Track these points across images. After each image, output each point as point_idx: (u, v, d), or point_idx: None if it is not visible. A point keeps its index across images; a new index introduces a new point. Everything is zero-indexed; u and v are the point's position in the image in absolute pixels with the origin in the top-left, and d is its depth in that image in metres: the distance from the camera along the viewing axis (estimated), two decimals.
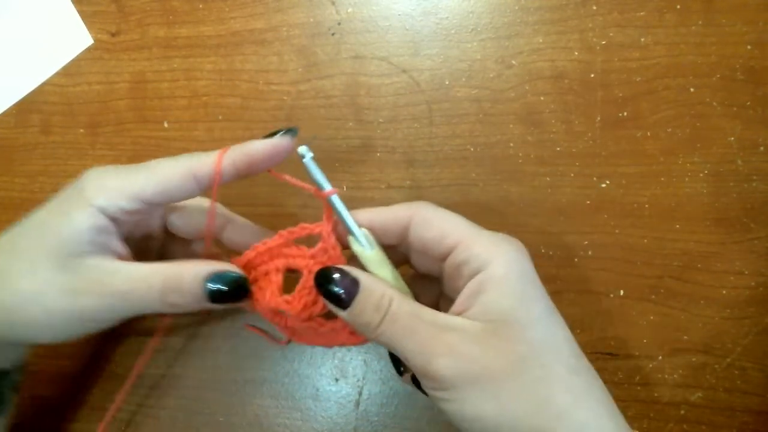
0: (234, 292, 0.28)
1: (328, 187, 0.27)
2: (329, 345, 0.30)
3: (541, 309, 0.24)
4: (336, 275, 0.25)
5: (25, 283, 0.26)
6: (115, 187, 0.26)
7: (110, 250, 0.27)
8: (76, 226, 0.26)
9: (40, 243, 0.27)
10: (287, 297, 0.28)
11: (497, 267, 0.24)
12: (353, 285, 0.25)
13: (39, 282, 0.26)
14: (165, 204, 0.30)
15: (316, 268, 0.27)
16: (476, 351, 0.23)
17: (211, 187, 0.27)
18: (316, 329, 0.28)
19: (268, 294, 0.28)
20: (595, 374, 0.24)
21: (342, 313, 0.25)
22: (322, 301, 0.27)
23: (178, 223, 0.31)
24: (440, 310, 0.25)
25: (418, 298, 0.26)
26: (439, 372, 0.23)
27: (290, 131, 0.28)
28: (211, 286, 0.27)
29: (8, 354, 0.30)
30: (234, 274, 0.28)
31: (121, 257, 0.28)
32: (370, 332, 0.25)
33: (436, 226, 0.26)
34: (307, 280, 0.27)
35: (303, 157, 0.27)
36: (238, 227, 0.31)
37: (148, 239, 0.31)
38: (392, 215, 0.26)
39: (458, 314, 0.24)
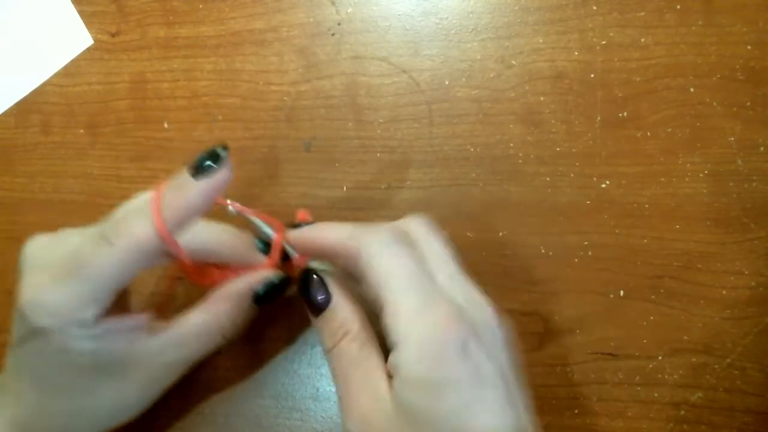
0: (279, 288, 0.29)
1: (270, 232, 0.27)
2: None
3: (456, 403, 0.21)
4: (315, 282, 0.25)
5: (94, 407, 0.26)
6: (67, 310, 0.23)
7: (132, 327, 0.26)
8: (85, 351, 0.24)
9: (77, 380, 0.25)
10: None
11: (407, 352, 0.21)
12: (324, 301, 0.25)
13: (108, 400, 0.26)
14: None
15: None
16: None
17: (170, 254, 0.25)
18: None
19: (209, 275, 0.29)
20: None
21: (312, 319, 0.25)
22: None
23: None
24: None
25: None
26: (348, 422, 0.23)
27: (224, 149, 0.25)
28: (258, 300, 0.29)
29: None
30: (273, 280, 0.29)
31: (148, 326, 0.26)
32: (324, 352, 0.25)
33: (373, 275, 0.22)
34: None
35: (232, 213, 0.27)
36: (213, 255, 0.29)
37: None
38: (338, 246, 0.24)
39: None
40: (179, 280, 0.35)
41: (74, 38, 0.42)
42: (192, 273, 0.28)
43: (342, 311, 0.24)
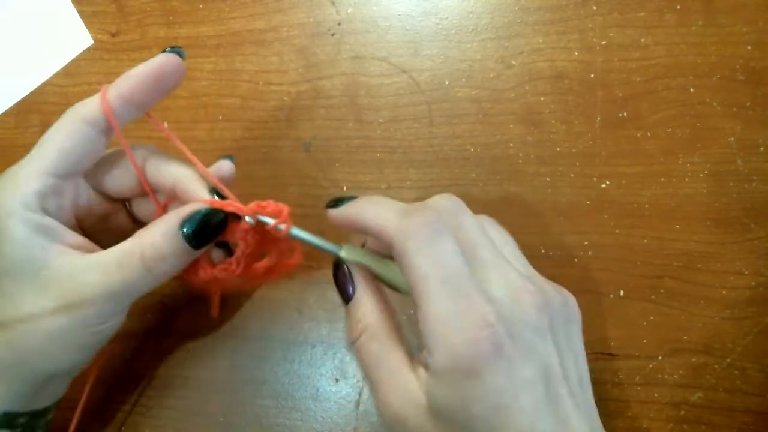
0: (212, 228, 0.26)
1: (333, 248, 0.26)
2: (263, 281, 0.31)
3: (483, 412, 0.20)
4: (341, 273, 0.25)
5: (16, 319, 0.25)
6: (20, 180, 0.24)
7: (70, 244, 0.25)
8: (21, 237, 0.24)
9: (2, 272, 0.25)
10: (223, 266, 0.28)
11: (437, 358, 0.21)
12: (349, 291, 0.25)
13: (30, 310, 0.24)
14: (81, 168, 0.27)
15: (253, 238, 0.27)
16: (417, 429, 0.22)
17: (108, 128, 0.26)
18: (253, 277, 0.29)
19: (201, 268, 0.28)
20: None
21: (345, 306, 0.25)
22: (257, 256, 0.28)
23: (111, 186, 0.29)
24: None
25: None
26: (384, 417, 0.23)
27: (175, 49, 0.26)
28: (186, 232, 0.25)
29: (47, 391, 0.28)
30: (201, 211, 0.26)
31: (78, 246, 0.26)
32: (348, 343, 0.25)
33: (408, 271, 0.22)
34: (244, 249, 0.28)
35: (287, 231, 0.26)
36: (159, 162, 0.29)
37: (103, 222, 0.30)
38: (376, 229, 0.23)
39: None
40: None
41: (74, 38, 0.42)
42: (190, 268, 0.28)
43: (362, 306, 0.24)
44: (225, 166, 0.30)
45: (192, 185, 0.28)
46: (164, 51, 0.26)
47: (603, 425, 0.29)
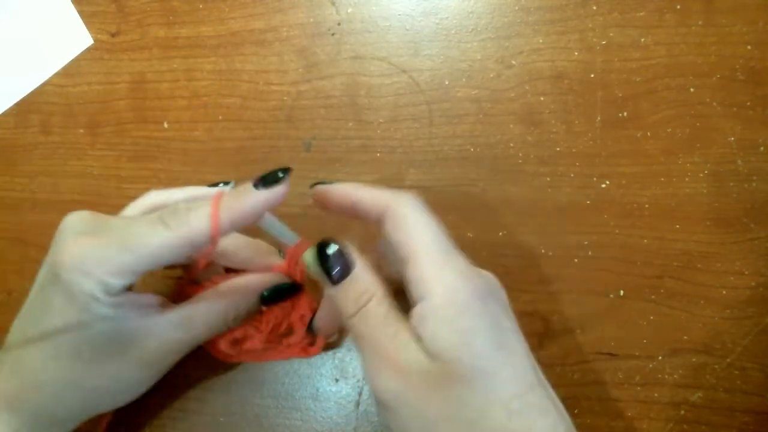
0: (284, 297, 0.32)
1: (293, 240, 0.29)
2: (277, 359, 0.33)
3: (484, 346, 0.22)
4: (335, 251, 0.25)
5: (95, 378, 0.27)
6: (106, 273, 0.25)
7: (145, 305, 0.27)
8: (107, 317, 0.25)
9: (89, 345, 0.26)
10: (254, 324, 0.32)
11: (435, 298, 0.23)
12: (346, 267, 0.25)
13: (110, 371, 0.27)
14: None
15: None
16: (417, 392, 0.22)
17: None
18: (274, 348, 0.32)
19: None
20: (545, 409, 0.22)
21: (328, 289, 0.25)
22: (285, 326, 0.32)
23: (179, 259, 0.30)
24: None
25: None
26: (380, 392, 0.23)
27: (286, 171, 0.27)
28: (266, 297, 0.31)
29: (71, 428, 0.29)
30: (285, 286, 0.31)
31: (151, 304, 0.28)
32: (344, 318, 0.25)
33: (403, 230, 0.24)
34: (275, 308, 0.32)
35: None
36: (226, 259, 0.32)
37: None
38: (370, 201, 0.26)
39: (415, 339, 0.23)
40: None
41: (74, 38, 0.42)
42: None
43: (366, 276, 0.25)
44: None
45: (260, 256, 0.32)
46: (276, 172, 0.26)
47: (603, 425, 0.30)
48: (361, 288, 0.24)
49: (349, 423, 0.33)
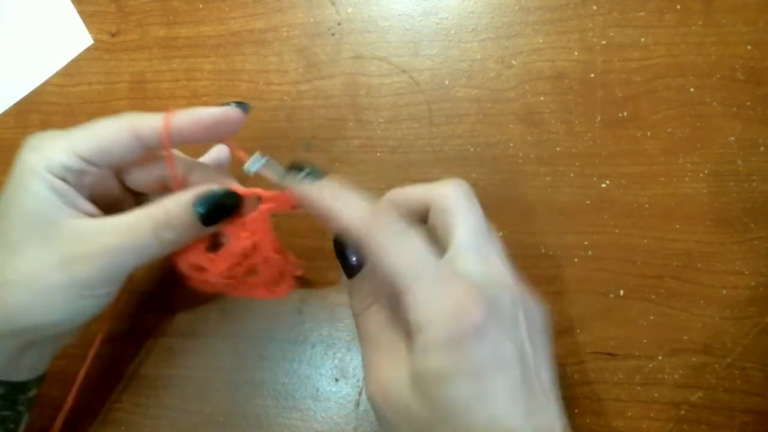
0: (224, 209, 0.28)
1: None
2: (244, 296, 0.31)
3: (463, 392, 0.21)
4: (347, 245, 0.25)
5: (12, 271, 0.25)
6: (53, 148, 0.26)
7: (82, 210, 0.26)
8: (39, 193, 0.25)
9: (11, 224, 0.25)
10: (210, 255, 0.29)
11: (423, 335, 0.22)
12: (357, 263, 0.25)
13: (28, 263, 0.25)
14: (110, 165, 0.27)
15: (245, 237, 0.28)
16: (394, 412, 0.23)
17: (154, 148, 0.27)
18: (235, 286, 0.30)
19: (193, 250, 0.29)
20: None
21: (344, 278, 0.26)
22: (246, 266, 0.29)
23: (135, 179, 0.29)
24: None
25: None
26: (367, 396, 0.23)
27: (241, 105, 0.28)
28: (200, 209, 0.27)
29: (27, 360, 0.28)
30: (219, 192, 0.27)
31: (91, 214, 0.27)
32: (353, 313, 0.25)
33: (385, 264, 0.23)
34: (234, 246, 0.28)
35: (251, 168, 0.27)
36: (200, 173, 0.29)
37: (112, 204, 0.29)
38: (349, 230, 0.24)
39: None
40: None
41: (74, 38, 0.42)
42: (181, 257, 0.29)
43: (374, 278, 0.25)
44: (222, 154, 0.33)
45: (222, 181, 0.29)
46: (230, 104, 0.27)
47: (603, 425, 0.29)
48: (369, 288, 0.25)
49: (349, 423, 0.33)
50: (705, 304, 0.32)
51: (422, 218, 0.26)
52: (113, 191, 0.29)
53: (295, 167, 0.26)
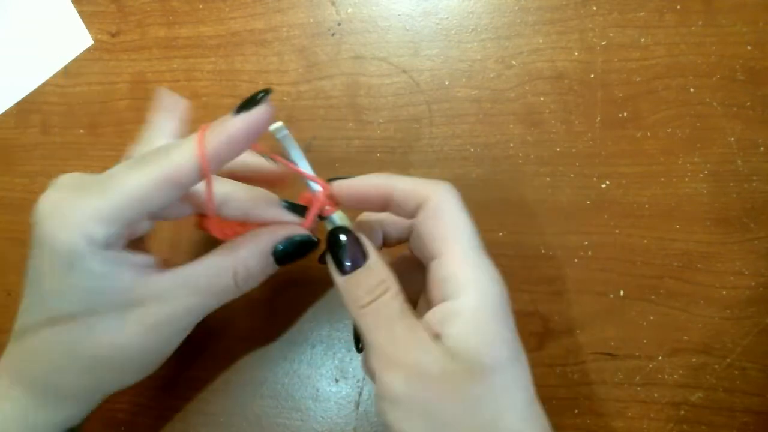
0: (303, 253, 0.27)
1: (308, 171, 0.27)
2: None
3: (509, 354, 0.22)
4: (347, 239, 0.24)
5: (94, 347, 0.24)
6: (85, 219, 0.22)
7: (141, 264, 0.25)
8: (95, 270, 0.23)
9: (75, 305, 0.24)
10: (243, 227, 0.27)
11: (467, 298, 0.22)
12: (360, 257, 0.24)
13: (114, 338, 0.24)
14: (148, 216, 0.25)
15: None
16: (431, 391, 0.22)
17: (193, 185, 0.24)
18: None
19: (229, 224, 0.27)
20: (546, 425, 0.23)
21: (337, 278, 0.24)
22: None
23: (167, 215, 0.27)
24: (420, 301, 0.25)
25: (400, 279, 0.25)
26: (388, 388, 0.22)
27: (266, 92, 0.24)
28: (279, 255, 0.26)
29: (85, 409, 0.28)
30: (296, 238, 0.27)
31: (147, 263, 0.25)
32: (353, 308, 0.24)
33: (441, 223, 0.24)
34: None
35: (277, 134, 0.25)
36: (233, 206, 0.27)
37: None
38: (411, 191, 0.25)
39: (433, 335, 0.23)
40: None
41: (74, 38, 0.42)
42: (214, 225, 0.26)
43: (382, 268, 0.24)
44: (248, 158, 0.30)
45: (267, 212, 0.27)
46: (257, 97, 0.24)
47: (603, 425, 0.30)
48: (377, 279, 0.24)
49: (349, 423, 0.33)
50: (705, 304, 0.32)
51: (410, 213, 0.25)
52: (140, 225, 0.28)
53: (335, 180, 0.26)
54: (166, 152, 0.23)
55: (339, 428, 0.33)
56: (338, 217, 0.26)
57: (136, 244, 0.27)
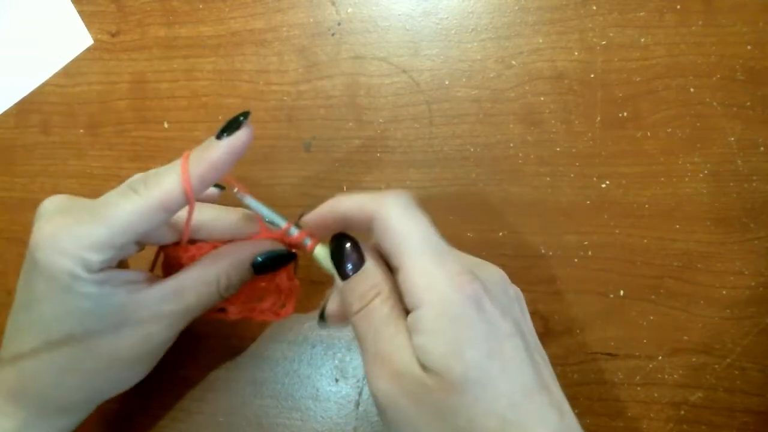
0: (277, 265, 0.30)
1: (282, 223, 0.28)
2: (250, 318, 0.32)
3: (476, 356, 0.21)
4: (350, 245, 0.25)
5: (93, 361, 0.26)
6: (80, 246, 0.24)
7: (134, 281, 0.27)
8: (91, 294, 0.25)
9: (76, 328, 0.26)
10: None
11: (426, 308, 0.22)
12: (358, 262, 0.25)
13: (111, 353, 0.26)
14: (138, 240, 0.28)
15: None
16: (410, 398, 0.22)
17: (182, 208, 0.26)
18: (244, 311, 0.31)
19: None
20: (544, 418, 0.22)
21: (338, 282, 0.25)
22: (258, 294, 0.31)
23: (153, 239, 0.30)
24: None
25: None
26: (375, 393, 0.23)
27: (244, 116, 0.26)
28: (257, 265, 0.29)
29: (82, 417, 0.30)
30: (278, 252, 0.29)
31: (138, 279, 0.27)
32: (348, 313, 0.25)
33: (390, 235, 0.24)
34: (253, 285, 0.30)
35: (242, 198, 0.28)
36: (207, 231, 0.30)
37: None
38: (357, 211, 0.25)
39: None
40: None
41: (74, 38, 0.42)
42: (183, 250, 0.29)
43: (376, 272, 0.24)
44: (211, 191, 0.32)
45: (246, 228, 0.30)
46: (236, 119, 0.26)
47: (603, 425, 0.29)
48: (369, 284, 0.24)
49: (349, 423, 0.33)
50: (705, 304, 0.32)
51: (367, 231, 0.26)
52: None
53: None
54: (155, 178, 0.25)
55: (339, 428, 0.33)
56: (319, 250, 0.28)
57: (121, 262, 0.30)
